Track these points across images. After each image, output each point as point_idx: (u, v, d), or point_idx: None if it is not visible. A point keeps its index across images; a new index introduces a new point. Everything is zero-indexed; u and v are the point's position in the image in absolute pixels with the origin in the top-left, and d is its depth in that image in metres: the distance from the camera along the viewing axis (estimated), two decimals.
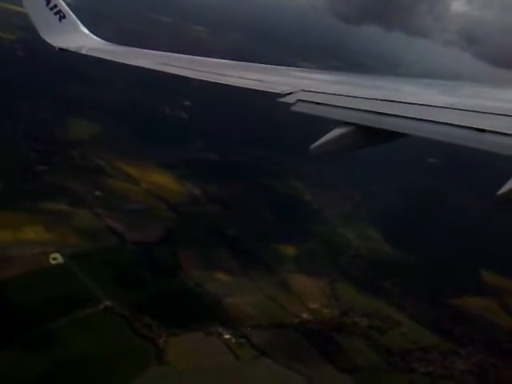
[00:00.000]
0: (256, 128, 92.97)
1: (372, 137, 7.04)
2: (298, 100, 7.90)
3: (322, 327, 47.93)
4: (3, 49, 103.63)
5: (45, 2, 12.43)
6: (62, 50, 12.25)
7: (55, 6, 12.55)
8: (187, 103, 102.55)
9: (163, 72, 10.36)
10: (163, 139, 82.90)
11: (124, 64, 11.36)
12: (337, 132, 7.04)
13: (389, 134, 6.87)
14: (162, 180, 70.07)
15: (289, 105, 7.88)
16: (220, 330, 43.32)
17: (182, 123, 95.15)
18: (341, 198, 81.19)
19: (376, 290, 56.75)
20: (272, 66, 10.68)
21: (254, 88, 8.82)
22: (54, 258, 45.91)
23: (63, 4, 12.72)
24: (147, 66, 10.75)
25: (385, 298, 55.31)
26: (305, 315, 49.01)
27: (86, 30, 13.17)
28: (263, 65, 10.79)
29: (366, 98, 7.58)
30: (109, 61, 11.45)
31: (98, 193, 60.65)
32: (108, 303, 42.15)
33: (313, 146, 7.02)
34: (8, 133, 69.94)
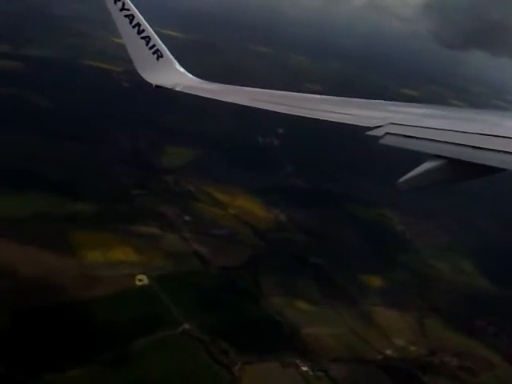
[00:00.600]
0: (348, 157, 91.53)
1: (466, 171, 6.91)
2: (387, 133, 7.91)
3: (406, 365, 45.16)
4: (110, 80, 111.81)
5: (144, 42, 13.23)
6: (158, 87, 12.96)
7: (154, 45, 13.31)
8: (280, 131, 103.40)
9: (257, 108, 10.78)
10: (254, 166, 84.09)
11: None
12: (427, 166, 6.96)
13: (484, 169, 6.67)
14: (250, 206, 70.75)
15: (377, 138, 7.91)
16: (297, 361, 42.23)
17: (274, 150, 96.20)
18: (436, 228, 77.24)
19: (469, 328, 52.71)
20: (363, 100, 10.76)
21: (343, 122, 8.93)
22: (140, 280, 47.55)
23: (161, 44, 13.48)
24: (241, 103, 11.23)
25: (478, 338, 51.15)
26: (389, 351, 46.50)
27: (181, 69, 13.77)
28: (354, 99, 10.85)
29: (460, 132, 7.44)
30: (201, 97, 12.04)
31: (187, 217, 62.42)
32: (187, 326, 42.74)
33: (402, 179, 7.00)
34: (108, 158, 74.47)
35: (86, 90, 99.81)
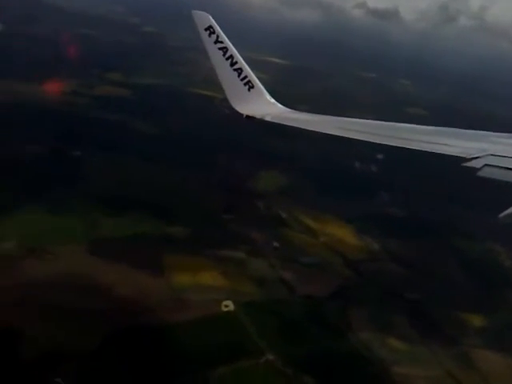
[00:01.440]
0: (448, 188, 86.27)
1: None
2: (486, 165, 7.66)
3: None
4: (213, 106, 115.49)
5: (236, 74, 13.64)
6: (248, 117, 13.37)
7: (245, 76, 13.76)
8: (379, 156, 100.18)
9: (342, 137, 10.92)
10: (349, 193, 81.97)
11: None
12: None
13: None
14: (342, 234, 68.67)
15: (475, 170, 7.65)
16: None
17: (371, 177, 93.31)
18: None
19: None
20: (460, 130, 10.48)
21: (438, 152, 8.71)
22: (226, 306, 47.34)
23: (253, 75, 13.86)
24: (329, 132, 11.48)
25: None
26: None
27: (271, 99, 14.14)
28: (450, 128, 10.68)
29: None
30: (290, 127, 12.50)
31: (276, 243, 61.76)
32: (270, 357, 41.64)
33: (504, 213, 6.78)
34: (204, 183, 76.13)
35: (190, 116, 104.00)
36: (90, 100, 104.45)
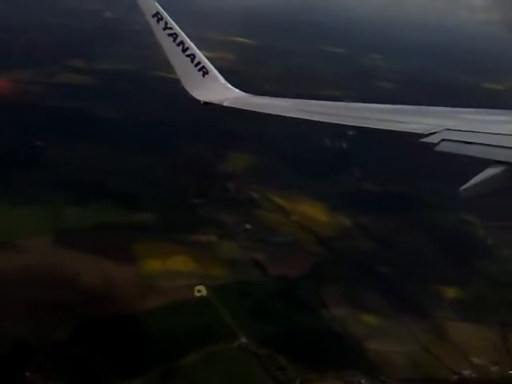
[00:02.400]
0: (421, 162, 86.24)
1: None
2: (443, 139, 7.72)
3: None
4: (178, 89, 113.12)
5: (189, 60, 13.42)
6: (206, 103, 13.23)
7: (199, 62, 13.52)
8: (350, 133, 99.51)
9: (302, 119, 10.79)
10: (319, 170, 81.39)
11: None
12: (490, 172, 6.74)
13: None
14: (314, 212, 67.98)
15: (433, 145, 7.71)
16: (362, 381, 39.05)
17: (342, 154, 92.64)
18: None
19: None
20: (416, 107, 10.56)
21: (396, 129, 8.74)
22: (199, 291, 46.37)
23: (206, 60, 13.64)
24: (290, 115, 11.39)
25: None
26: (466, 372, 42.12)
27: (228, 84, 13.94)
28: (405, 106, 10.70)
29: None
30: (250, 111, 12.22)
31: (247, 225, 60.74)
32: (244, 340, 40.85)
33: (464, 186, 6.83)
34: (173, 168, 74.46)
35: (154, 100, 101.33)
36: (50, 88, 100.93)
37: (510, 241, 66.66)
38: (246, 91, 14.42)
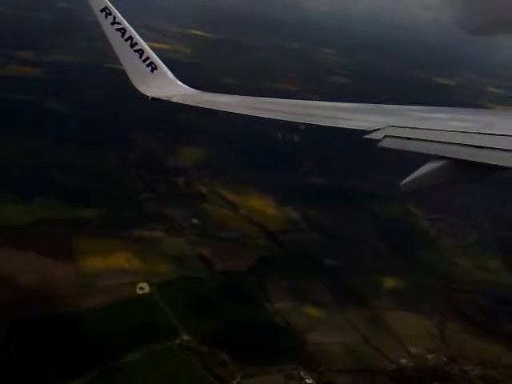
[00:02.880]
0: (372, 156, 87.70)
1: (468, 171, 6.92)
2: (386, 136, 7.91)
3: (423, 376, 42.00)
4: (129, 82, 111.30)
5: (138, 55, 13.22)
6: (154, 99, 13.03)
7: (147, 58, 13.31)
8: (302, 127, 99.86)
9: (254, 116, 10.84)
10: (270, 164, 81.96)
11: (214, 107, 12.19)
12: (429, 167, 6.95)
13: (487, 169, 6.72)
14: (262, 206, 68.45)
15: (376, 141, 7.90)
16: (302, 373, 39.70)
17: (294, 148, 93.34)
18: (466, 225, 73.00)
19: (495, 333, 48.89)
20: (360, 105, 10.88)
21: (342, 126, 8.96)
22: (141, 288, 45.97)
23: (155, 56, 13.44)
24: (239, 112, 11.17)
25: (505, 343, 47.32)
26: (403, 361, 43.40)
27: (177, 80, 13.80)
28: (352, 104, 10.98)
29: (460, 132, 7.51)
30: (199, 108, 12.21)
31: (195, 220, 60.62)
32: (185, 337, 40.84)
33: (404, 181, 6.99)
34: (121, 163, 73.52)
35: (105, 93, 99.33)
36: None
37: (452, 232, 68.91)
38: (201, 85, 14.55)
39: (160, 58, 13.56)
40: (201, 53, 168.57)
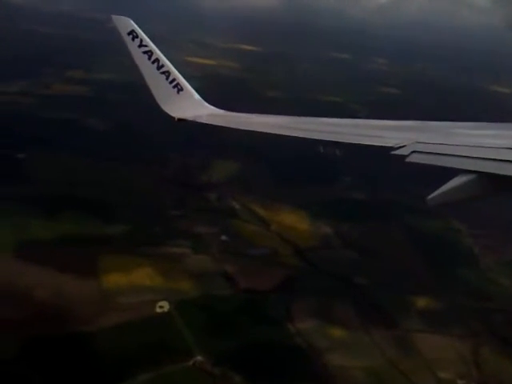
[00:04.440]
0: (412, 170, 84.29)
1: (496, 185, 6.98)
2: (413, 151, 8.14)
3: None
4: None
5: (164, 77, 13.52)
6: (180, 120, 13.38)
7: (174, 79, 13.63)
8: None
9: (281, 135, 11.26)
10: (309, 179, 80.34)
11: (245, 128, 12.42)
12: (457, 181, 7.08)
13: None
14: (296, 223, 66.91)
15: (403, 157, 8.10)
16: None
17: (335, 162, 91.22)
18: (510, 240, 68.60)
19: None
20: (385, 121, 10.98)
21: (368, 143, 9.24)
22: (161, 307, 45.58)
23: (181, 77, 13.72)
24: (261, 130, 11.61)
25: None
26: None
27: (202, 100, 14.03)
28: (376, 120, 11.16)
29: (486, 147, 7.60)
30: (226, 128, 12.53)
31: (224, 237, 59.95)
32: (199, 358, 39.95)
33: (431, 195, 7.29)
34: (155, 179, 74.01)
35: (146, 111, 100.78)
36: (41, 99, 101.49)
37: (496, 249, 64.91)
38: (247, 98, 14.45)
39: (208, 73, 13.74)
40: (248, 67, 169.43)
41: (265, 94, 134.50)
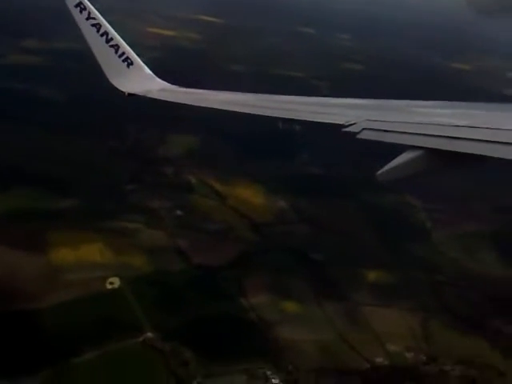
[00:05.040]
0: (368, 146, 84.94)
1: (443, 161, 7.20)
2: (364, 129, 8.33)
3: (397, 375, 40.10)
4: None
5: (113, 50, 13.24)
6: (130, 95, 13.16)
7: (123, 53, 13.34)
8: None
9: (228, 111, 11.21)
10: (267, 154, 79.86)
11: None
12: (405, 157, 7.26)
13: (463, 158, 6.97)
14: (252, 197, 66.64)
15: (354, 134, 8.29)
16: (268, 372, 38.13)
17: (294, 137, 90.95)
18: (465, 215, 70.15)
19: (482, 330, 46.64)
20: (341, 99, 10.94)
21: (320, 121, 9.41)
22: (111, 283, 44.78)
23: (131, 51, 13.45)
24: (211, 106, 11.63)
25: (490, 341, 45.06)
26: (379, 359, 41.52)
27: (153, 75, 13.82)
28: (329, 98, 11.23)
29: (434, 124, 7.84)
30: (176, 103, 12.35)
31: (178, 212, 59.17)
32: (149, 334, 39.54)
33: (380, 171, 7.40)
34: (110, 153, 72.25)
35: (102, 82, 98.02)
36: None
37: (449, 223, 66.32)
38: (207, 72, 13.66)
39: (169, 44, 13.09)
40: (209, 39, 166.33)
41: (226, 67, 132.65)
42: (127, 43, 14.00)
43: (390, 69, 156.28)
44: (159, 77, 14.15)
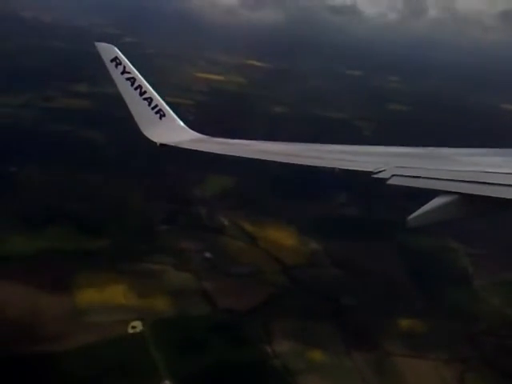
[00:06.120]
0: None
1: (476, 206, 7.16)
2: (393, 175, 8.47)
3: None
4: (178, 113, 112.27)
5: (146, 103, 13.66)
6: (162, 145, 13.49)
7: (156, 105, 13.79)
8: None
9: (260, 160, 11.43)
10: (303, 195, 78.73)
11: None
12: (438, 201, 7.32)
13: (494, 203, 6.99)
14: (284, 239, 65.40)
15: (384, 180, 8.41)
16: None
17: (333, 179, 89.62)
18: (508, 261, 66.13)
19: None
20: (366, 147, 11.37)
21: (350, 168, 9.64)
22: (133, 327, 44.25)
23: (163, 103, 13.85)
24: (243, 156, 11.94)
25: None
26: None
27: (184, 126, 14.22)
28: (358, 146, 11.48)
29: (464, 171, 8.00)
30: (208, 153, 12.65)
31: (207, 254, 58.60)
32: (167, 382, 38.47)
33: (412, 216, 7.41)
34: (148, 194, 73.05)
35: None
36: (43, 112, 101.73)
37: (492, 269, 62.67)
38: (252, 114, 13.78)
39: (216, 88, 13.27)
40: (255, 83, 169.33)
41: (270, 110, 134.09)
42: (176, 88, 14.07)
43: (438, 111, 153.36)
44: (201, 121, 14.07)
